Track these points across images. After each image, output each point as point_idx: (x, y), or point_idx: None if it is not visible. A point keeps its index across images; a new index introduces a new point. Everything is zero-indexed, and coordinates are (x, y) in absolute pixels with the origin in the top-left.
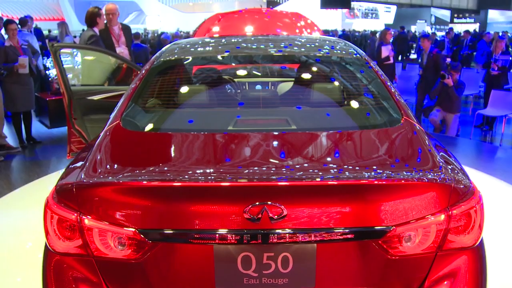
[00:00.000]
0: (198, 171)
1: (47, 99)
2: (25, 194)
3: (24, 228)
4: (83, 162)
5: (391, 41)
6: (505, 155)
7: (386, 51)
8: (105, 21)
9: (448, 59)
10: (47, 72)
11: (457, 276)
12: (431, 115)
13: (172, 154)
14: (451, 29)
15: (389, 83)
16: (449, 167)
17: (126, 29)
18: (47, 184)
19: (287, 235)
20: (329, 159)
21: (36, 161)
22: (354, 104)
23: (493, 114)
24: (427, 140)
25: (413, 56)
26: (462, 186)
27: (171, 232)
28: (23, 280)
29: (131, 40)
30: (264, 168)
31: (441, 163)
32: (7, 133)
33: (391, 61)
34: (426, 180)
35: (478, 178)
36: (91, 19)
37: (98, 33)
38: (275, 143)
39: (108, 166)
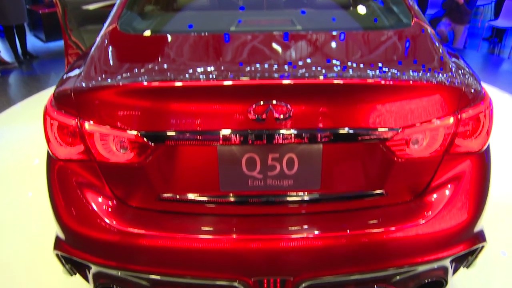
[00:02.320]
0: (200, 71)
1: (40, 11)
2: (25, 109)
3: (28, 141)
4: (80, 68)
5: None
6: None
7: None
8: None
9: None
10: None
11: (462, 180)
12: (439, 25)
13: (173, 55)
14: None
15: None
16: (460, 71)
17: None
18: (47, 98)
19: (292, 135)
20: (335, 58)
21: (34, 76)
22: (363, 6)
23: (505, 26)
24: (438, 43)
25: None
26: (472, 90)
27: (174, 133)
28: (34, 194)
29: None
30: (268, 67)
31: (452, 66)
32: (0, 48)
33: None
34: (435, 81)
35: None
36: None
37: None
38: (280, 42)
39: (106, 70)
